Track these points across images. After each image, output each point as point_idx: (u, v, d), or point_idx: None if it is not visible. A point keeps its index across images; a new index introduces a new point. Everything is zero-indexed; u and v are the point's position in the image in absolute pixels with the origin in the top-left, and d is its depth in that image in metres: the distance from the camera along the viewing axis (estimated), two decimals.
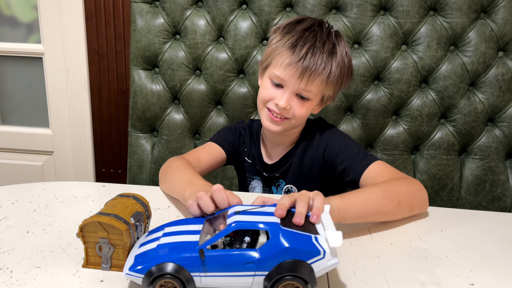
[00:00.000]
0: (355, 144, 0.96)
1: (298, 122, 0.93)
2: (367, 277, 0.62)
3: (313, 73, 0.86)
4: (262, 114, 0.94)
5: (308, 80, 0.87)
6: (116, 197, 0.66)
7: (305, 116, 0.92)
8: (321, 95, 0.92)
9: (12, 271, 0.60)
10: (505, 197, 1.20)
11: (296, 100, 0.89)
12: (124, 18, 1.58)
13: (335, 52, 0.89)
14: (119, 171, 1.76)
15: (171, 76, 1.24)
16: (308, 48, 0.86)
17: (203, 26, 1.21)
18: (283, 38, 0.90)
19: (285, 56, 0.88)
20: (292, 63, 0.86)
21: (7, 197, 0.84)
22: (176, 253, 0.53)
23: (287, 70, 0.87)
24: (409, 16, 1.16)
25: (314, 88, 0.88)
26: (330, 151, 0.95)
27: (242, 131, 1.07)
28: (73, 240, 0.68)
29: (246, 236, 0.55)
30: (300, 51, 0.86)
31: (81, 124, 1.72)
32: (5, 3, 1.68)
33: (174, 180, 0.87)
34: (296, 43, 0.87)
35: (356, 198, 0.75)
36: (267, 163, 1.03)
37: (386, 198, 0.77)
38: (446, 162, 1.21)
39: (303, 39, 0.87)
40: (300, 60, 0.86)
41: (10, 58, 1.73)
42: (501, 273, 0.64)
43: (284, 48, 0.88)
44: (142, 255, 0.55)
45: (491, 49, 1.16)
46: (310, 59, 0.86)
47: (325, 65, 0.87)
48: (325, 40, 0.88)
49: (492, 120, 1.20)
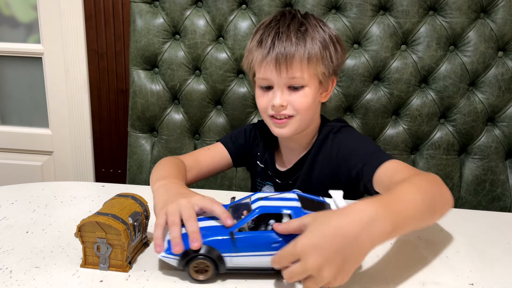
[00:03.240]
0: (369, 143, 0.88)
1: (305, 116, 0.86)
2: (367, 277, 0.61)
3: (288, 57, 0.81)
4: (269, 123, 0.89)
5: (287, 66, 0.82)
6: (114, 197, 0.66)
7: (308, 106, 0.85)
8: (314, 77, 0.85)
9: (11, 271, 0.60)
10: (505, 197, 1.20)
11: (290, 93, 0.84)
12: (124, 18, 1.58)
13: (306, 30, 0.84)
14: (119, 171, 1.76)
15: (171, 76, 1.23)
16: (273, 37, 0.83)
17: (202, 26, 1.21)
18: (251, 41, 0.88)
19: (256, 55, 0.85)
20: (264, 57, 0.83)
21: (7, 197, 0.83)
22: (207, 236, 0.58)
23: (264, 67, 0.84)
24: (408, 16, 1.16)
25: (298, 72, 0.82)
26: (343, 154, 0.87)
27: (258, 133, 1.00)
28: (73, 240, 0.68)
29: (271, 219, 0.59)
30: (266, 43, 0.83)
31: (81, 124, 1.72)
32: (5, 3, 1.68)
33: (152, 174, 0.83)
34: (261, 38, 0.85)
35: (409, 210, 0.59)
36: (279, 169, 0.97)
37: (430, 210, 0.63)
38: (446, 162, 1.21)
39: (267, 32, 0.84)
40: (270, 52, 0.82)
41: (10, 58, 1.73)
42: (501, 273, 0.64)
43: (254, 48, 0.86)
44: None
45: (490, 49, 1.15)
46: (279, 45, 0.82)
47: (296, 45, 0.82)
48: (289, 22, 0.85)
49: (492, 120, 1.20)
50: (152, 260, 0.64)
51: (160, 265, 0.63)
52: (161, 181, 0.75)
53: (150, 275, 0.60)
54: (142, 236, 0.66)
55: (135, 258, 0.64)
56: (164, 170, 0.83)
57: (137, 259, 0.64)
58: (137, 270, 0.61)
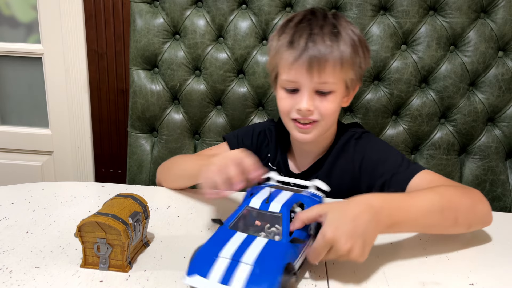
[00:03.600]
0: (396, 153, 0.86)
1: (329, 121, 0.84)
2: (367, 277, 0.61)
3: (321, 61, 0.78)
4: (290, 127, 0.86)
5: (319, 70, 0.78)
6: (114, 197, 0.66)
7: (334, 111, 0.83)
8: (342, 82, 0.82)
9: (11, 271, 0.60)
10: (505, 197, 1.20)
11: (317, 98, 0.81)
12: (124, 18, 1.58)
13: (338, 32, 0.80)
14: (119, 171, 1.76)
15: (171, 76, 1.23)
16: (306, 39, 0.79)
17: (202, 26, 1.21)
18: (279, 40, 0.84)
19: (286, 56, 0.81)
20: (295, 60, 0.79)
21: (7, 197, 0.83)
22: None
23: (294, 70, 0.80)
24: (409, 16, 1.16)
25: (330, 76, 0.79)
26: (368, 162, 0.86)
27: (267, 133, 0.98)
28: (73, 240, 0.67)
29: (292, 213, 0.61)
30: (298, 45, 0.79)
31: (81, 124, 1.72)
32: (5, 3, 1.68)
33: (180, 165, 0.86)
34: (293, 39, 0.80)
35: (409, 219, 0.65)
36: (293, 172, 0.94)
37: (444, 217, 0.67)
38: (446, 162, 1.21)
39: (299, 32, 0.80)
40: (302, 54, 0.78)
41: (10, 58, 1.73)
42: (501, 273, 0.64)
43: (283, 49, 0.82)
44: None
45: (491, 49, 1.15)
46: (313, 48, 0.78)
47: (331, 48, 0.78)
48: (322, 24, 0.81)
49: (492, 120, 1.20)
50: (152, 260, 0.64)
51: (160, 265, 0.63)
52: (203, 161, 0.77)
53: (150, 275, 0.60)
54: (142, 236, 0.66)
55: (135, 258, 0.64)
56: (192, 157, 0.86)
57: (137, 259, 0.64)
58: (137, 270, 0.61)
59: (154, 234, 0.72)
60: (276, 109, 1.21)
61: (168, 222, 0.77)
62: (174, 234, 0.73)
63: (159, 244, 0.69)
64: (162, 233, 0.72)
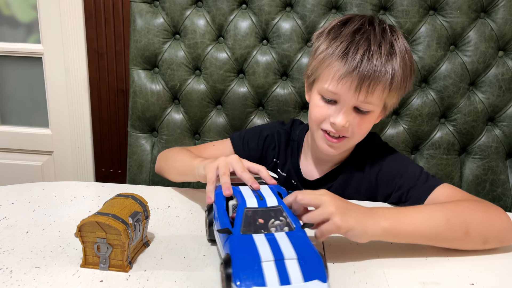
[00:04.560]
0: (414, 166, 0.84)
1: (358, 139, 0.82)
2: (367, 277, 0.61)
3: (372, 82, 0.74)
4: (317, 136, 0.83)
5: (368, 90, 0.74)
6: (114, 197, 0.66)
7: (366, 131, 0.81)
8: (383, 104, 0.80)
9: (11, 271, 0.60)
10: (505, 197, 1.20)
11: (355, 115, 0.78)
12: (124, 18, 1.58)
13: (394, 52, 0.76)
14: (119, 171, 1.76)
15: (171, 76, 1.23)
16: (362, 54, 0.74)
17: (202, 26, 1.21)
18: (330, 46, 0.77)
19: (336, 67, 0.76)
20: (347, 73, 0.74)
21: (7, 197, 0.83)
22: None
23: (342, 83, 0.75)
24: (409, 15, 1.16)
25: (376, 98, 0.76)
26: (385, 174, 0.84)
27: (276, 136, 0.94)
28: (73, 240, 0.68)
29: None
30: (353, 59, 0.74)
31: (81, 124, 1.72)
32: (5, 3, 1.68)
33: (177, 157, 0.85)
34: (347, 50, 0.75)
35: (412, 218, 0.65)
36: (307, 179, 0.91)
37: (450, 224, 0.66)
38: (446, 162, 1.21)
39: (355, 44, 0.75)
40: (355, 69, 0.73)
41: (10, 58, 1.73)
42: (501, 273, 0.64)
43: (334, 57, 0.76)
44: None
45: (491, 49, 1.15)
46: (367, 66, 0.73)
47: (385, 69, 0.74)
48: (380, 40, 0.76)
49: (492, 120, 1.20)
50: (152, 260, 0.64)
51: (160, 265, 0.63)
52: (199, 158, 0.78)
53: (150, 275, 0.60)
54: (142, 236, 0.66)
55: (135, 258, 0.64)
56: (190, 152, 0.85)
57: (137, 259, 0.64)
58: (137, 270, 0.61)
59: (154, 234, 0.72)
60: (276, 109, 1.22)
61: (168, 222, 0.77)
62: (174, 234, 0.73)
63: (159, 244, 0.69)
64: (162, 233, 0.72)
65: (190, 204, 0.85)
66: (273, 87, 1.21)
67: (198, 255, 0.66)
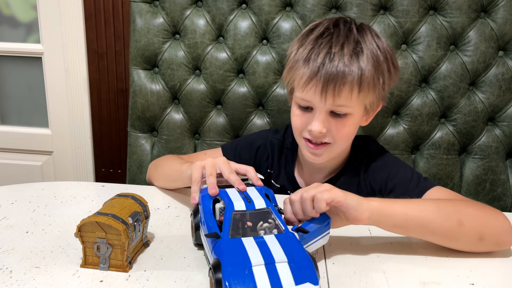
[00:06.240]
0: (407, 168, 0.83)
1: (342, 144, 0.81)
2: (367, 277, 0.61)
3: (338, 83, 0.72)
4: (301, 144, 0.83)
5: (334, 93, 0.73)
6: (114, 197, 0.66)
7: (348, 136, 0.80)
8: (361, 105, 0.77)
9: (11, 271, 0.60)
10: (505, 197, 1.20)
11: (333, 120, 0.76)
12: (124, 18, 1.58)
13: (361, 50, 0.74)
14: (119, 171, 1.76)
15: (171, 76, 1.23)
16: (323, 57, 0.73)
17: (202, 26, 1.21)
18: (297, 53, 0.78)
19: (300, 73, 0.76)
20: (311, 78, 0.74)
21: (7, 197, 0.83)
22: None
23: (307, 88, 0.75)
24: (409, 15, 1.16)
25: (346, 100, 0.74)
26: (378, 178, 0.83)
27: (269, 146, 0.92)
28: (73, 240, 0.68)
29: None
30: (315, 62, 0.73)
31: (81, 124, 1.72)
32: (5, 3, 1.68)
33: (167, 164, 0.85)
34: (310, 54, 0.75)
35: (400, 204, 0.65)
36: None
37: (441, 214, 0.65)
38: (446, 162, 1.21)
39: (316, 48, 0.75)
40: (317, 73, 0.73)
41: (10, 58, 1.73)
42: (501, 273, 0.64)
43: (299, 64, 0.76)
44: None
45: (491, 49, 1.15)
46: (330, 67, 0.72)
47: (349, 69, 0.72)
48: (343, 41, 0.75)
49: (492, 120, 1.20)
50: (152, 260, 0.64)
51: (160, 265, 0.63)
52: (187, 164, 0.78)
53: (150, 275, 0.60)
54: (142, 236, 0.66)
55: (135, 258, 0.64)
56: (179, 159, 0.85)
57: (137, 259, 0.64)
58: (137, 270, 0.61)
59: (154, 234, 0.72)
60: (276, 109, 1.22)
61: (168, 222, 0.77)
62: (174, 234, 0.73)
63: (159, 244, 0.69)
64: (162, 233, 0.72)
65: (190, 204, 0.85)
66: (273, 87, 1.21)
67: (198, 255, 0.66)
